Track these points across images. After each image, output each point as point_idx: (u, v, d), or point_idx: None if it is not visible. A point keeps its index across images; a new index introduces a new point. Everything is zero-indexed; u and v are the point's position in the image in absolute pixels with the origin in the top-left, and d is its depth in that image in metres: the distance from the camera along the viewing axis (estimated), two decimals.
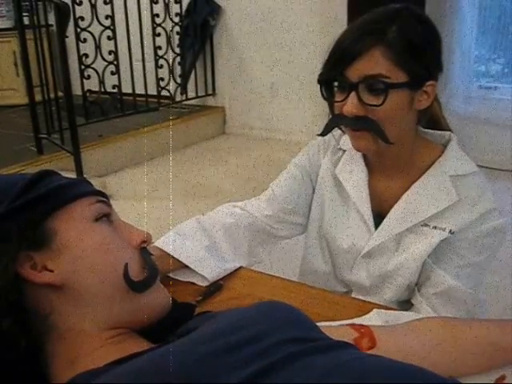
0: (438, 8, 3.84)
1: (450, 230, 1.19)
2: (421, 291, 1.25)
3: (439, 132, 1.27)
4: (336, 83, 1.15)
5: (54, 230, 0.76)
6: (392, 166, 1.25)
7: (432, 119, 1.28)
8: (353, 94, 1.09)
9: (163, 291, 0.85)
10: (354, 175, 1.30)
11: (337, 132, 1.29)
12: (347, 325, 0.94)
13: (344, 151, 1.33)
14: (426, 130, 1.27)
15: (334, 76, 1.14)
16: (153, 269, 0.83)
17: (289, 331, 0.70)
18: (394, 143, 1.14)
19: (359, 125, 1.13)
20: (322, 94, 1.17)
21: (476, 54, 4.19)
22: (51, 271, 0.75)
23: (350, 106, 1.10)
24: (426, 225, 1.21)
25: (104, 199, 0.85)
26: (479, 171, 1.22)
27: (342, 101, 1.12)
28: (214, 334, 0.68)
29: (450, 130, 1.29)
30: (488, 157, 3.64)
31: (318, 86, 1.17)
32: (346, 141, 1.30)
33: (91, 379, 0.65)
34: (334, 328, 0.93)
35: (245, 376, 0.61)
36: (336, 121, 1.19)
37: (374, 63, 1.07)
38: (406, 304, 1.29)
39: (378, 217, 1.26)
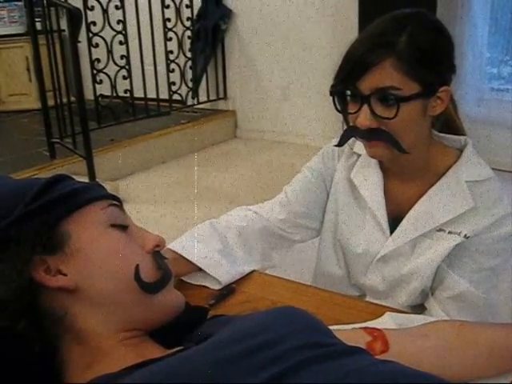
0: (450, 10, 3.83)
1: (465, 235, 1.18)
2: (434, 295, 1.24)
3: (455, 136, 1.26)
4: (348, 92, 1.14)
5: (68, 234, 0.77)
6: (407, 170, 1.25)
7: (447, 122, 1.27)
8: (365, 106, 1.09)
9: (176, 293, 0.86)
10: (369, 179, 1.29)
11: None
12: (360, 328, 0.94)
13: (359, 155, 1.33)
14: (442, 135, 1.26)
15: (345, 88, 1.14)
16: (166, 271, 0.83)
17: (303, 337, 0.69)
18: (409, 152, 1.14)
19: (373, 137, 1.13)
20: (335, 106, 1.17)
21: (488, 56, 4.17)
22: (65, 275, 0.75)
23: (363, 118, 1.10)
24: (441, 230, 1.21)
25: (117, 203, 0.85)
26: (495, 177, 1.21)
27: (354, 112, 1.12)
28: (229, 341, 0.68)
29: (464, 133, 1.28)
30: (500, 159, 3.61)
31: (331, 97, 1.17)
32: (360, 145, 1.30)
33: (110, 381, 0.66)
34: (347, 331, 0.92)
35: (259, 381, 0.61)
36: (350, 133, 1.19)
37: (386, 75, 1.06)
38: (419, 308, 1.28)
39: (394, 221, 1.26)
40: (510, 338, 0.89)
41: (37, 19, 4.07)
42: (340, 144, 1.23)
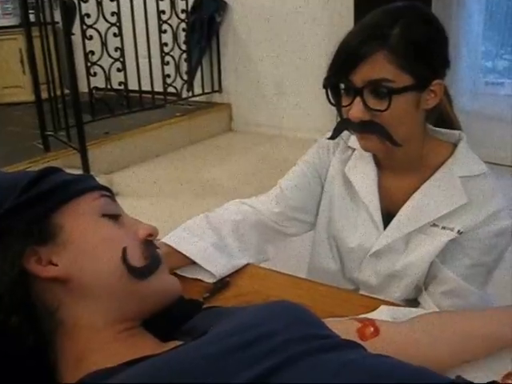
0: (445, 4, 3.82)
1: (458, 231, 1.18)
2: (428, 290, 1.25)
3: (449, 131, 1.26)
4: (342, 85, 1.14)
5: (60, 225, 0.77)
6: (401, 164, 1.25)
7: (441, 116, 1.27)
8: (358, 98, 1.09)
9: (170, 278, 0.86)
10: (363, 174, 1.29)
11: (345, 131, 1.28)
12: (350, 318, 0.94)
13: (354, 150, 1.33)
14: (436, 129, 1.26)
15: (338, 81, 1.14)
16: (155, 256, 0.83)
17: (297, 330, 0.69)
18: (401, 145, 1.14)
19: (365, 129, 1.13)
20: (329, 99, 1.17)
21: (483, 50, 4.17)
22: (56, 265, 0.75)
23: (355, 111, 1.10)
24: (434, 225, 1.21)
25: (108, 193, 0.85)
26: (489, 172, 1.21)
27: (347, 105, 1.12)
28: (225, 334, 0.68)
29: (459, 127, 1.28)
30: (495, 153, 3.62)
31: (324, 90, 1.17)
32: (355, 139, 1.30)
33: (103, 378, 0.65)
34: (338, 321, 0.93)
35: (254, 374, 0.61)
36: (343, 125, 1.19)
37: (378, 68, 1.07)
38: (413, 303, 1.29)
39: (388, 216, 1.26)
40: (494, 325, 0.90)
41: (30, 11, 4.04)
42: (333, 137, 1.23)
